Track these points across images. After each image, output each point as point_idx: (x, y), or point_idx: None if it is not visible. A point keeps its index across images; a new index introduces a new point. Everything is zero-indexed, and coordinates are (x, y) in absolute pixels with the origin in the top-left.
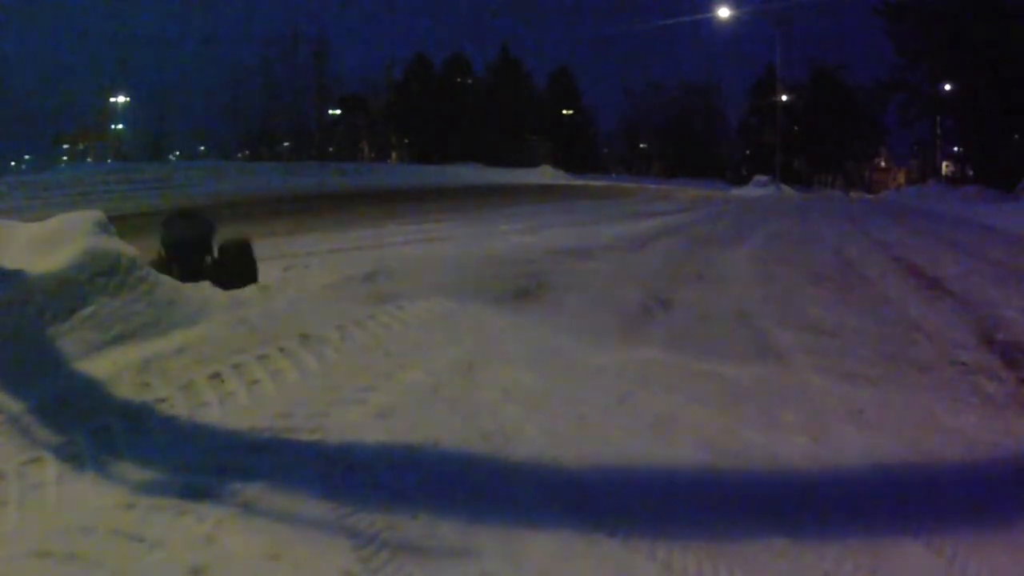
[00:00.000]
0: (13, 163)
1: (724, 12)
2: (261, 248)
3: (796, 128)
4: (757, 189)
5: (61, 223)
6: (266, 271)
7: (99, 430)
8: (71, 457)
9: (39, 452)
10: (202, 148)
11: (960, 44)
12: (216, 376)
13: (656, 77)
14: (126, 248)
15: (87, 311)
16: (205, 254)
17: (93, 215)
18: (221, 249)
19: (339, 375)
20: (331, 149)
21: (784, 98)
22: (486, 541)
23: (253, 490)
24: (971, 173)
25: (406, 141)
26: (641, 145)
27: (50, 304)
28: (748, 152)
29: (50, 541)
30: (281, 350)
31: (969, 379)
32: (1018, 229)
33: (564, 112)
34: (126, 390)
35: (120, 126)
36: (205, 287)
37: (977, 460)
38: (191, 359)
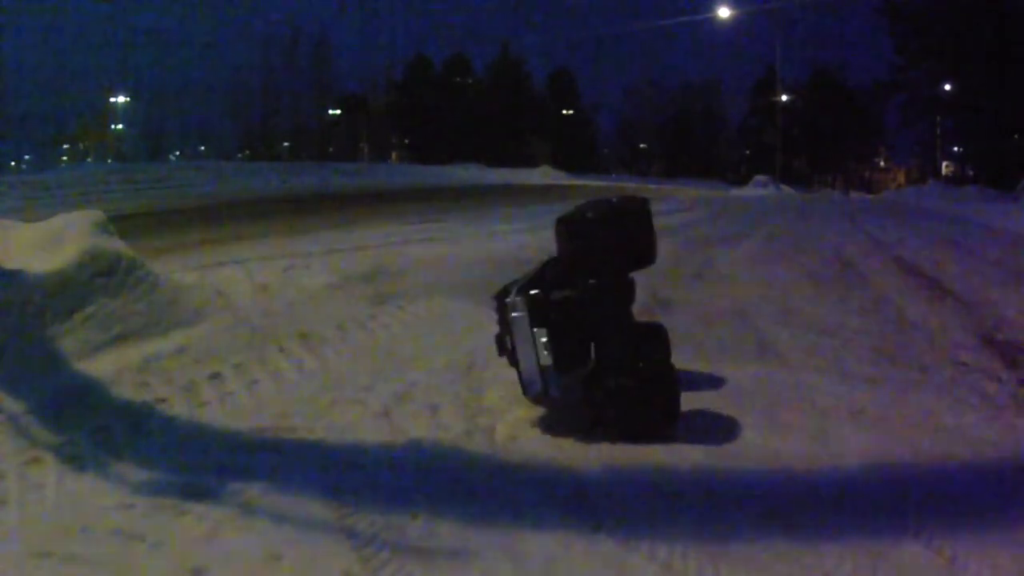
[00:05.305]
0: (13, 163)
1: (724, 12)
2: (262, 247)
3: (796, 128)
4: (757, 189)
5: (61, 223)
6: (266, 271)
7: (99, 430)
8: (71, 457)
9: (39, 452)
10: (202, 148)
11: (960, 44)
12: (216, 376)
13: (656, 77)
14: (126, 248)
15: (87, 311)
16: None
17: (93, 215)
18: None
19: (339, 375)
20: (331, 149)
21: (784, 98)
22: (486, 541)
23: (253, 490)
24: (971, 173)
25: (406, 141)
26: (641, 145)
27: (50, 304)
28: (748, 152)
29: (50, 541)
30: (281, 350)
31: (969, 379)
32: (1018, 229)
33: (564, 112)
34: (126, 390)
35: (120, 126)
36: (205, 287)
37: (977, 460)
38: (191, 359)
